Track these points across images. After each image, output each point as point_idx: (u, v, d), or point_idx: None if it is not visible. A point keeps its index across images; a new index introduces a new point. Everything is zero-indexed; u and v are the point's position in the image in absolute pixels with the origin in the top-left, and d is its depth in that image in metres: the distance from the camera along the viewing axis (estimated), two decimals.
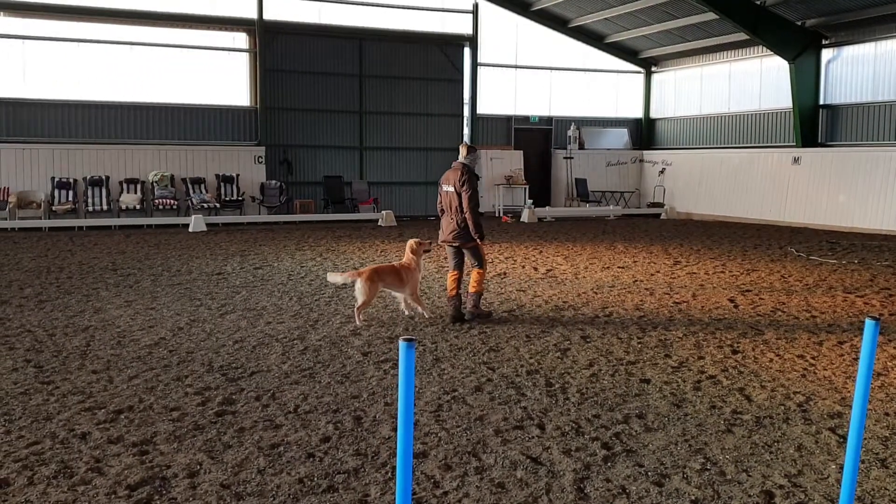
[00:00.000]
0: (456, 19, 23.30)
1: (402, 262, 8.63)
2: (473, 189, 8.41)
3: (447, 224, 8.61)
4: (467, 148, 8.67)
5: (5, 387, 6.08)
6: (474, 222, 8.38)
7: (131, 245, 15.39)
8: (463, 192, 8.36)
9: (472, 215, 8.37)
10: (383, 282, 8.39)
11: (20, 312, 8.87)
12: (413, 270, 8.53)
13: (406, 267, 8.52)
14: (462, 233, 8.48)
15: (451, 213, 8.54)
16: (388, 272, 8.48)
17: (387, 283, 8.44)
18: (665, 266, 13.07)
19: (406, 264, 8.55)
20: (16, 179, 18.80)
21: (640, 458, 4.83)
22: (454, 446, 4.97)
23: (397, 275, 8.45)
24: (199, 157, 20.45)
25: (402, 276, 8.46)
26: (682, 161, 24.43)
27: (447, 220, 8.61)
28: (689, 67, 25.03)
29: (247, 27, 21.10)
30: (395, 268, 8.57)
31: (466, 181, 8.38)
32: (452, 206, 8.50)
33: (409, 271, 8.50)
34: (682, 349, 7.52)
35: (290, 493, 4.28)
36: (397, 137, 22.93)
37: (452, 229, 8.53)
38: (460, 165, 8.53)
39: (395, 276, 8.45)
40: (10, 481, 4.37)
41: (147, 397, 5.87)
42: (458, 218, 8.45)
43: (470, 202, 8.34)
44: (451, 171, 8.59)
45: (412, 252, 8.59)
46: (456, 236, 8.52)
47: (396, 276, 8.45)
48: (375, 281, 8.27)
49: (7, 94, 19.02)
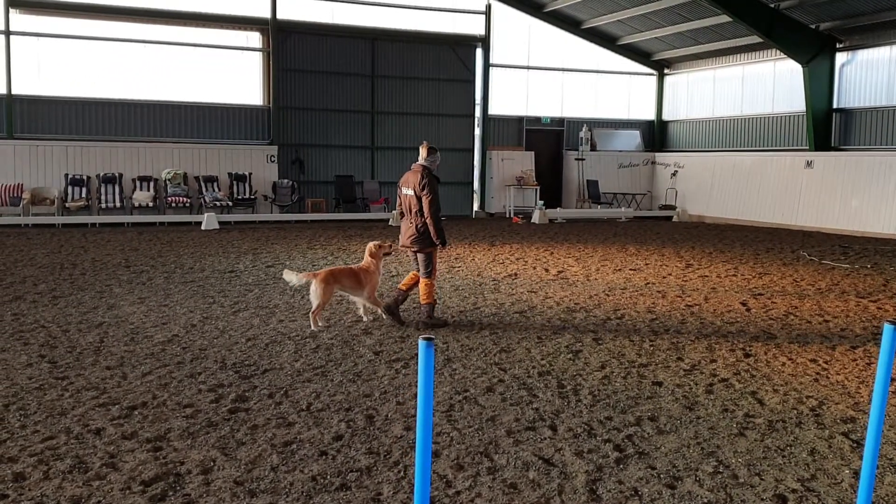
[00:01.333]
0: (468, 20, 23.31)
1: (360, 265, 8.40)
2: (434, 192, 8.08)
3: (406, 228, 8.31)
4: (428, 148, 8.32)
5: (20, 382, 6.13)
6: (435, 227, 8.07)
7: (144, 242, 15.46)
8: (423, 196, 8.04)
9: (433, 220, 8.06)
10: (339, 284, 8.14)
11: (34, 308, 8.93)
12: (372, 273, 8.30)
13: (365, 269, 8.29)
14: (420, 237, 8.18)
15: (409, 217, 8.24)
16: (346, 274, 8.23)
17: (343, 285, 8.19)
18: (677, 269, 13.04)
19: (365, 267, 8.32)
20: (30, 176, 18.91)
21: (653, 461, 4.83)
22: (466, 446, 4.98)
23: (355, 277, 8.22)
24: (212, 156, 20.53)
25: (360, 279, 8.22)
26: (695, 163, 24.36)
27: (406, 223, 8.31)
28: (702, 70, 24.95)
29: (260, 26, 21.17)
30: (353, 270, 8.33)
31: (427, 184, 8.04)
32: (412, 210, 8.18)
33: (368, 274, 8.28)
34: (694, 352, 7.51)
35: (303, 490, 4.30)
36: (409, 137, 22.94)
37: (411, 234, 8.22)
38: (420, 167, 8.19)
39: (353, 279, 8.20)
40: (26, 475, 4.41)
41: (161, 394, 5.91)
42: (417, 222, 8.14)
43: (431, 206, 8.03)
44: (410, 172, 8.28)
45: (371, 255, 8.37)
46: (414, 241, 8.22)
47: (354, 279, 8.20)
48: (331, 283, 8.02)
49: (22, 91, 19.14)
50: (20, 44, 19.10)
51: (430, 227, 8.09)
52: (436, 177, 8.24)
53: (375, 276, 8.37)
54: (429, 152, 8.29)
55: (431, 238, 8.17)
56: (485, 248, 15.45)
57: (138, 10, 19.77)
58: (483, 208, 24.06)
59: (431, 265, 8.31)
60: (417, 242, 8.21)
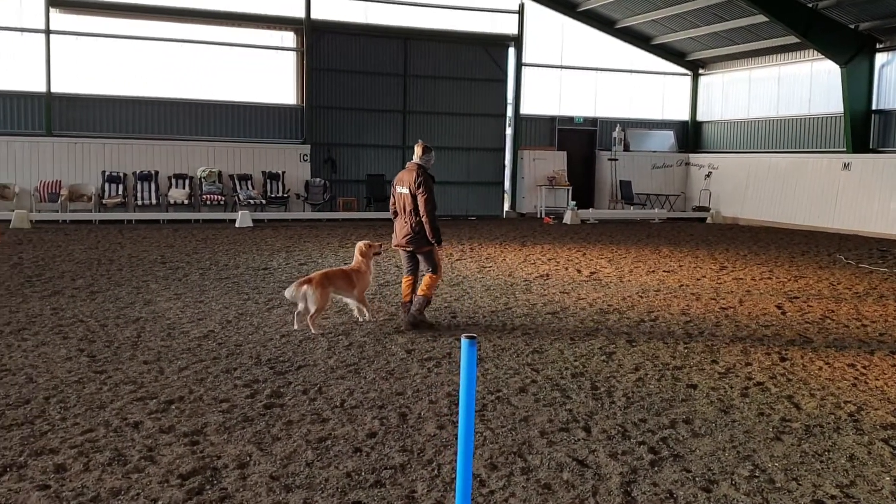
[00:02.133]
0: (501, 19, 23.28)
1: (351, 266, 8.32)
2: (430, 191, 8.01)
3: (400, 227, 8.22)
4: (423, 147, 8.22)
5: (60, 375, 6.24)
6: (432, 226, 7.99)
7: (179, 239, 15.66)
8: (419, 195, 7.97)
9: (429, 219, 7.98)
10: (334, 286, 8.04)
11: (73, 303, 9.09)
12: (363, 273, 8.24)
13: (356, 270, 8.23)
14: (416, 237, 8.09)
15: (404, 216, 8.15)
16: (339, 276, 8.15)
17: (337, 287, 8.10)
18: (711, 271, 12.91)
19: (356, 268, 8.25)
20: (68, 173, 19.23)
21: (688, 464, 4.79)
22: (499, 446, 4.98)
23: (347, 278, 8.15)
24: (246, 154, 20.72)
25: (352, 280, 8.16)
26: (729, 165, 24.09)
27: (400, 223, 8.23)
28: (737, 70, 24.67)
29: (294, 26, 21.33)
30: (345, 272, 8.25)
31: (422, 183, 7.97)
32: (406, 209, 8.10)
33: (360, 274, 8.21)
34: (728, 355, 7.43)
35: (337, 486, 4.33)
36: (440, 137, 22.95)
37: (406, 233, 8.14)
38: (415, 166, 8.12)
39: (345, 280, 8.13)
40: (66, 467, 4.49)
41: (197, 388, 5.98)
42: (412, 221, 8.06)
43: (427, 205, 7.96)
44: (405, 171, 8.21)
45: (361, 255, 8.29)
46: (410, 240, 8.14)
47: (347, 280, 8.14)
48: (326, 286, 7.90)
49: (61, 89, 19.47)
50: (60, 43, 19.43)
51: (426, 225, 8.00)
52: (431, 175, 8.17)
53: (367, 275, 8.28)
54: (424, 151, 8.20)
55: (427, 237, 8.08)
56: (516, 249, 15.42)
57: (175, 10, 20.02)
58: (514, 208, 24.01)
59: (435, 262, 8.23)
60: (413, 242, 8.13)
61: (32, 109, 19.36)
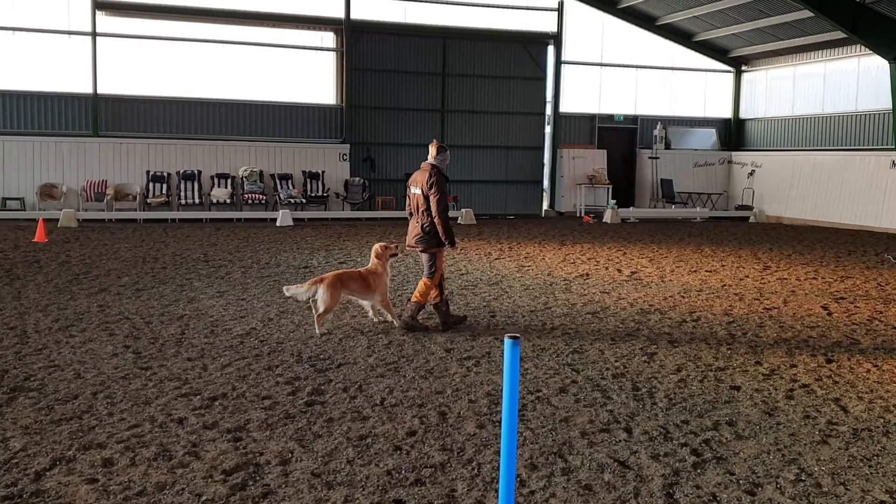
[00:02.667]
0: (540, 17, 23.18)
1: (367, 268, 8.17)
2: (442, 192, 7.88)
3: (412, 228, 8.15)
4: (437, 147, 8.11)
5: (107, 371, 6.36)
6: (444, 227, 7.87)
7: (222, 238, 15.87)
8: (431, 195, 7.86)
9: (441, 220, 7.87)
10: (347, 288, 7.93)
11: (119, 300, 9.26)
12: (380, 275, 8.08)
13: (373, 272, 8.07)
14: (425, 237, 7.99)
15: (417, 216, 8.07)
16: (353, 278, 8.01)
17: (352, 289, 7.98)
18: (754, 271, 12.71)
19: (372, 270, 8.09)
20: (113, 172, 19.61)
21: (731, 466, 4.72)
22: (539, 446, 4.96)
23: (363, 281, 8.00)
24: (286, 154, 20.94)
25: (368, 283, 8.01)
26: (773, 163, 23.70)
27: (413, 223, 8.15)
28: (781, 67, 24.24)
29: (334, 27, 21.48)
30: (360, 274, 8.10)
31: (435, 183, 7.86)
32: (419, 209, 8.01)
33: (376, 276, 8.06)
34: (773, 356, 7.31)
35: (378, 484, 4.35)
36: (478, 136, 22.97)
37: (416, 234, 8.05)
38: (429, 166, 8.01)
39: (360, 283, 8.00)
40: (113, 461, 4.58)
41: (240, 385, 6.06)
42: (424, 221, 7.96)
43: (438, 205, 7.85)
44: (419, 171, 8.10)
45: (377, 257, 8.16)
46: (419, 240, 8.04)
47: (363, 283, 8.00)
48: (338, 288, 7.81)
49: (107, 90, 19.86)
50: (105, 45, 19.81)
51: (437, 226, 7.90)
52: (445, 176, 8.05)
53: (384, 277, 8.14)
54: (438, 151, 8.09)
55: (437, 238, 7.97)
56: (555, 248, 15.35)
57: (217, 12, 20.29)
58: (553, 207, 23.90)
59: (435, 266, 8.08)
60: (423, 242, 8.04)
61: (79, 110, 19.77)
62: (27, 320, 8.09)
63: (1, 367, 6.40)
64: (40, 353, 6.84)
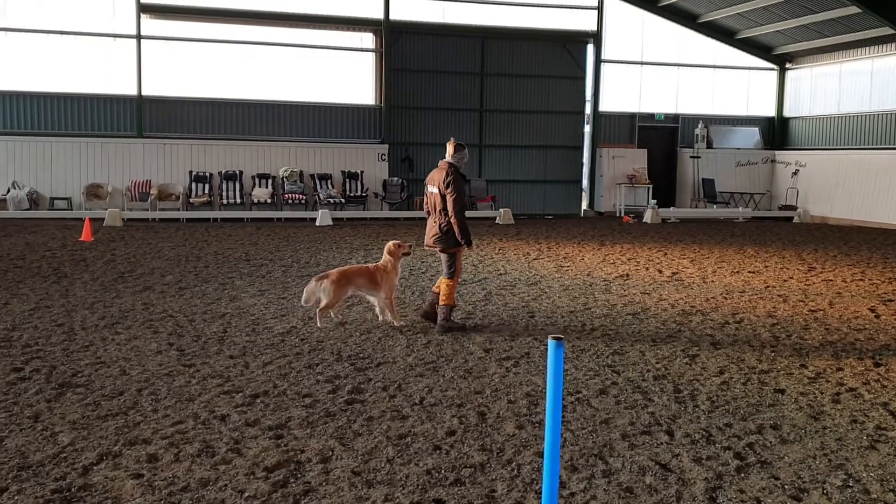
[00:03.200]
0: (580, 16, 23.04)
1: (377, 265, 8.19)
2: (459, 191, 7.81)
3: (430, 227, 8.08)
4: (455, 146, 8.02)
5: (151, 368, 6.47)
6: (460, 226, 7.79)
7: (262, 237, 16.05)
8: (448, 194, 7.78)
9: (457, 219, 7.79)
10: (353, 284, 7.98)
11: (162, 298, 9.42)
12: (389, 273, 8.06)
13: (381, 269, 8.06)
14: (443, 237, 7.92)
15: (434, 216, 8.01)
16: (360, 274, 8.08)
17: (358, 285, 8.03)
18: (799, 272, 12.49)
19: (382, 266, 8.09)
20: (157, 173, 19.95)
21: (776, 471, 4.65)
22: (580, 448, 4.93)
23: (370, 277, 8.02)
24: (326, 154, 21.10)
25: (375, 279, 8.01)
26: (818, 162, 23.25)
27: (430, 222, 8.09)
28: (826, 64, 23.77)
29: (373, 27, 21.59)
30: (368, 270, 8.14)
31: (452, 182, 7.78)
32: (437, 208, 7.94)
33: (385, 274, 8.04)
34: (818, 359, 7.17)
35: (418, 483, 4.36)
36: (516, 135, 22.91)
37: (434, 233, 7.98)
38: (446, 165, 7.93)
39: (367, 279, 8.02)
40: (158, 457, 4.65)
41: (281, 383, 6.12)
42: (441, 221, 7.89)
43: (455, 205, 7.77)
44: (436, 170, 8.03)
45: (390, 254, 8.13)
46: (437, 240, 7.97)
47: (370, 279, 8.02)
48: (343, 284, 7.88)
49: (151, 92, 20.20)
50: (149, 47, 20.15)
51: (454, 225, 7.82)
52: (462, 175, 7.99)
53: (392, 276, 8.11)
54: (456, 150, 8.00)
55: (455, 238, 7.89)
56: (594, 248, 15.24)
57: (259, 14, 20.53)
58: (592, 207, 23.74)
59: (455, 266, 8.02)
60: (441, 242, 7.96)
61: (124, 112, 20.15)
62: (74, 317, 8.26)
63: (49, 363, 6.54)
64: (87, 350, 6.98)
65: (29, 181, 19.18)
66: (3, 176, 19.08)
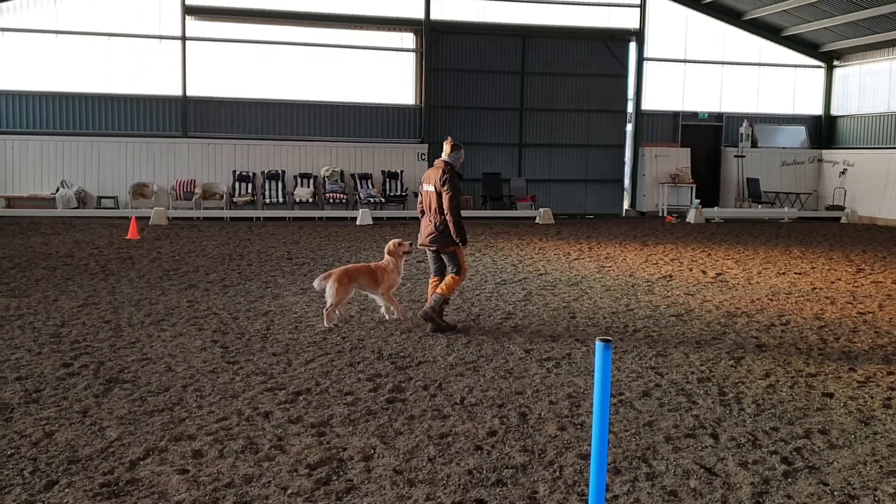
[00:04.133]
0: (622, 13, 22.82)
1: (378, 263, 8.29)
2: (455, 189, 7.78)
3: (425, 226, 8.05)
4: (451, 145, 8.01)
5: (196, 365, 6.56)
6: (456, 225, 7.78)
7: (304, 236, 16.19)
8: (444, 192, 7.77)
9: (453, 217, 7.77)
10: (356, 283, 8.07)
11: (207, 296, 9.55)
12: (390, 272, 8.16)
13: (383, 268, 8.16)
14: (440, 236, 7.89)
15: (430, 215, 7.98)
16: (362, 272, 8.16)
17: (361, 283, 8.12)
18: (847, 274, 12.22)
19: (383, 265, 8.19)
20: (201, 172, 20.24)
21: (825, 476, 4.55)
22: (623, 450, 4.88)
23: (371, 275, 8.12)
24: (366, 154, 21.21)
25: (376, 277, 8.12)
26: (867, 161, 22.72)
27: (426, 221, 8.06)
28: (876, 61, 23.21)
29: (414, 27, 21.63)
30: (369, 268, 8.23)
31: (448, 180, 7.76)
32: (432, 207, 7.92)
33: (386, 272, 8.15)
34: (868, 363, 7.01)
35: (459, 483, 4.36)
36: (557, 134, 22.77)
37: (430, 232, 7.96)
38: (442, 163, 7.91)
39: (369, 277, 8.12)
40: (203, 453, 4.71)
41: (323, 381, 6.16)
42: (437, 220, 7.87)
43: (451, 203, 7.75)
44: (432, 169, 8.01)
45: (390, 253, 8.22)
46: (433, 239, 7.95)
47: (370, 277, 8.11)
48: (345, 283, 7.96)
49: (195, 92, 20.50)
50: (194, 48, 20.45)
51: (450, 224, 7.80)
52: (458, 174, 7.95)
53: (394, 274, 8.19)
54: (452, 149, 7.99)
55: (450, 237, 7.87)
56: (637, 248, 15.08)
57: (300, 14, 20.70)
58: (634, 207, 23.50)
59: (459, 263, 7.99)
60: (437, 241, 7.94)
61: (169, 112, 20.47)
62: (121, 314, 8.42)
63: (97, 358, 6.67)
64: (133, 347, 7.10)
65: (77, 180, 19.59)
66: (52, 175, 19.52)
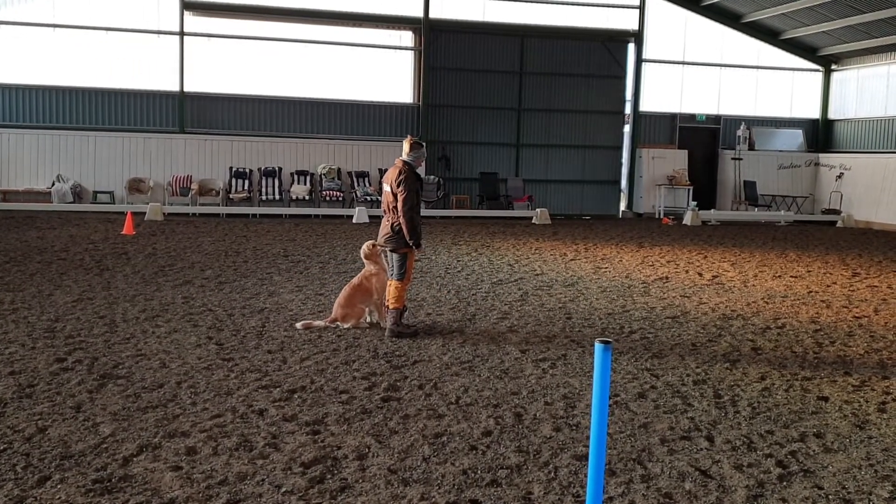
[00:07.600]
0: (621, 15, 22.82)
1: (362, 274, 8.08)
2: (410, 190, 7.55)
3: (382, 226, 7.89)
4: (411, 143, 7.78)
5: (191, 361, 6.54)
6: (409, 226, 7.55)
7: (300, 233, 16.16)
8: (399, 193, 7.55)
9: (406, 219, 7.54)
10: (358, 303, 7.93)
11: (202, 292, 9.52)
12: (376, 274, 7.97)
13: (366, 277, 8.00)
14: (394, 236, 7.69)
15: (388, 215, 7.79)
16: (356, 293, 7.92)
17: (363, 302, 7.96)
18: (842, 277, 12.24)
19: (366, 275, 8.02)
20: (198, 168, 20.20)
21: (819, 480, 4.55)
22: (618, 452, 4.87)
23: (364, 290, 7.93)
24: (363, 152, 21.18)
25: (367, 289, 7.94)
26: (863, 166, 22.75)
27: (384, 221, 7.88)
28: (874, 65, 23.24)
29: (413, 25, 21.60)
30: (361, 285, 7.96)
31: (403, 181, 7.55)
32: (390, 207, 7.73)
33: (371, 278, 7.99)
34: (863, 367, 7.01)
35: (454, 483, 4.34)
36: (554, 134, 22.76)
37: (385, 232, 7.77)
38: (401, 163, 7.72)
39: (363, 293, 7.92)
40: (197, 450, 4.69)
41: (318, 379, 6.14)
42: (393, 220, 7.66)
43: (405, 204, 7.52)
44: (391, 168, 7.79)
45: (367, 257, 8.06)
46: (388, 240, 7.75)
47: (364, 293, 7.92)
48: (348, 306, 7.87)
49: (193, 88, 20.44)
50: (192, 44, 20.40)
51: (403, 225, 7.58)
52: (416, 174, 7.74)
53: (381, 275, 7.99)
54: (412, 147, 7.77)
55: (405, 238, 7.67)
56: (633, 250, 15.08)
57: (299, 11, 20.65)
58: (630, 208, 23.51)
59: (404, 267, 7.74)
60: (391, 241, 7.73)
61: (167, 108, 20.41)
62: (116, 310, 8.39)
63: (91, 354, 6.65)
64: (128, 342, 7.07)
65: (73, 175, 19.52)
66: (48, 169, 19.45)
